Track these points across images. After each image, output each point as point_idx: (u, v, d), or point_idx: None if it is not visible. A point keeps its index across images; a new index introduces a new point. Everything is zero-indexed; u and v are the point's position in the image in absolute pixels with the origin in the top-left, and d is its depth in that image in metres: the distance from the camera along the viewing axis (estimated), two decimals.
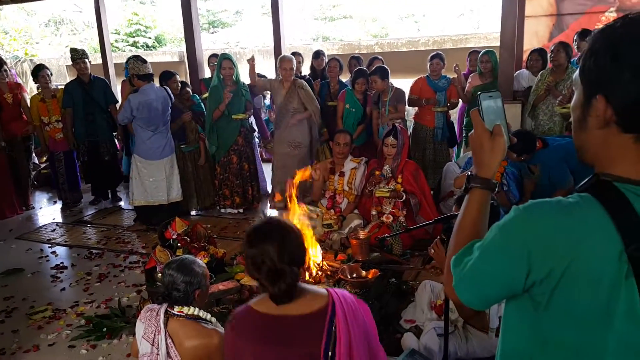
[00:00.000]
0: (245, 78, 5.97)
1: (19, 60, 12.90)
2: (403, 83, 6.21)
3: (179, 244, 3.77)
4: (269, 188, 6.45)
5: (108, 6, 7.77)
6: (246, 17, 21.05)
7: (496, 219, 1.14)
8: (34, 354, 3.48)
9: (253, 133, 6.31)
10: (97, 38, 7.87)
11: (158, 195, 5.66)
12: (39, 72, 6.40)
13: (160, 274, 3.55)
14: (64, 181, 6.68)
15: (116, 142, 6.77)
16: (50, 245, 5.51)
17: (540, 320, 1.06)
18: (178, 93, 6.03)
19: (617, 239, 0.95)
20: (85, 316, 3.87)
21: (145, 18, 18.93)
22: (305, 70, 7.33)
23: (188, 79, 7.07)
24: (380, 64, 6.03)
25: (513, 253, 1.03)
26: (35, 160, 7.79)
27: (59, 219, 6.43)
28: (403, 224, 4.64)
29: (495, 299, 1.14)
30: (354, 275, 3.61)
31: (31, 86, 9.81)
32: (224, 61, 5.69)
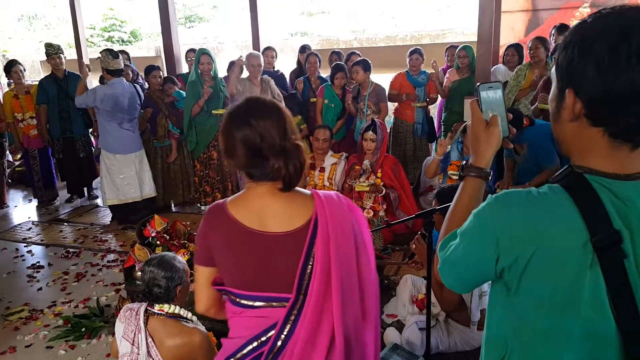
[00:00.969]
0: (223, 73, 5.92)
1: None
2: (381, 78, 6.21)
3: (158, 242, 3.72)
4: None
5: (83, 0, 7.63)
6: (224, 12, 20.94)
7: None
8: (11, 356, 3.41)
9: None
10: (72, 33, 7.72)
11: (130, 192, 5.56)
12: (12, 68, 6.26)
13: (139, 272, 3.51)
14: (39, 179, 6.57)
15: (92, 139, 6.64)
16: (26, 244, 5.40)
17: (512, 305, 1.11)
18: (159, 88, 5.96)
19: (583, 230, 0.98)
20: (63, 316, 3.81)
21: (121, 13, 18.71)
22: (291, 65, 7.26)
23: (165, 74, 6.98)
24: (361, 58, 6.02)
25: (484, 239, 1.08)
26: (9, 157, 7.63)
27: (35, 218, 6.32)
28: (384, 219, 4.65)
29: (473, 283, 1.19)
30: None
31: (3, 82, 9.61)
32: (202, 56, 5.64)
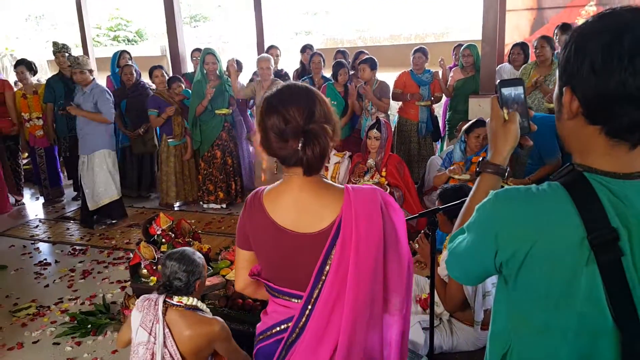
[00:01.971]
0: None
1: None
2: (386, 77, 6.21)
3: (164, 240, 3.74)
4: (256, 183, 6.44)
5: (89, 0, 7.68)
6: (229, 11, 20.95)
7: None
8: (18, 352, 3.45)
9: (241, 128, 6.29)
10: (79, 33, 7.77)
11: (106, 194, 5.55)
12: (16, 68, 6.34)
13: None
14: (46, 177, 6.62)
15: None
16: (33, 241, 5.46)
17: (512, 299, 1.14)
18: (166, 87, 5.99)
19: (580, 227, 1.00)
20: (69, 313, 3.85)
21: (126, 13, 18.75)
22: (294, 65, 7.27)
23: (170, 73, 7.01)
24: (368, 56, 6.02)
25: (484, 233, 1.11)
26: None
27: (42, 215, 6.37)
28: None
29: (476, 276, 1.22)
30: None
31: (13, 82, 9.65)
32: (207, 56, 5.67)
